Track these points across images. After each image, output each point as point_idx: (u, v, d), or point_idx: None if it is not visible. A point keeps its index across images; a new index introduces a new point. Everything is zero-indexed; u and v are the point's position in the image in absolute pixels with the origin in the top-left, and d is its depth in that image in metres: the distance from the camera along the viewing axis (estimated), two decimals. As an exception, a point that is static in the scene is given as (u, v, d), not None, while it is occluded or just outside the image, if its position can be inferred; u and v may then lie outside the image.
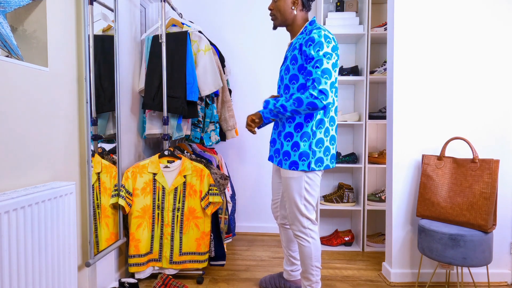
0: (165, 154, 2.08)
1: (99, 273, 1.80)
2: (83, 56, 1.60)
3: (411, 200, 2.14)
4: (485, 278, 2.12)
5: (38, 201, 1.19)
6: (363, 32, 2.64)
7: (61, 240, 1.33)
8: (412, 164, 2.13)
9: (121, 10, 2.02)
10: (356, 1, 2.74)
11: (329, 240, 2.80)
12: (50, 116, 1.41)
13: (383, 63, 2.72)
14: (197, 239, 2.08)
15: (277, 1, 1.62)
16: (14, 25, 1.30)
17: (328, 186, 3.05)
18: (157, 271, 2.13)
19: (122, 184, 1.96)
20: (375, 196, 2.78)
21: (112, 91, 1.84)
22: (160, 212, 2.07)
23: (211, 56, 2.22)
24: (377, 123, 2.77)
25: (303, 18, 1.64)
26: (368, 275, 2.26)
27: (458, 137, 1.91)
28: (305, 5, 1.60)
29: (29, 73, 1.30)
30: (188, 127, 2.26)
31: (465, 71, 2.10)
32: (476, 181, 1.81)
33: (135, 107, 2.22)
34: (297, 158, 1.59)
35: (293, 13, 1.61)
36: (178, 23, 2.36)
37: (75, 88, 1.57)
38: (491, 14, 2.08)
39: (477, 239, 1.70)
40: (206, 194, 2.05)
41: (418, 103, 2.11)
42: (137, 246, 2.02)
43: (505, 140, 2.10)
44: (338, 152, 2.80)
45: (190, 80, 2.13)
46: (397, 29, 2.10)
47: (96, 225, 1.71)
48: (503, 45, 2.09)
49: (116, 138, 1.88)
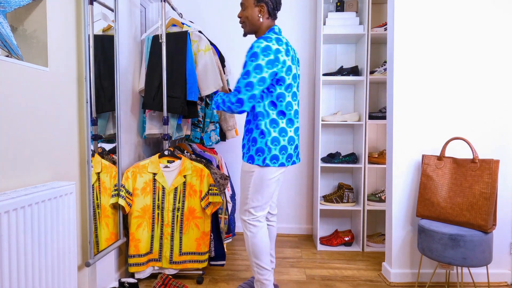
0: (165, 154, 2.08)
1: (99, 273, 1.80)
2: (83, 56, 1.60)
3: (411, 200, 2.14)
4: (485, 278, 2.12)
5: (38, 201, 1.19)
6: (363, 32, 2.64)
7: (61, 240, 1.33)
8: (412, 164, 2.13)
9: (121, 10, 2.02)
10: (356, 1, 2.74)
11: (329, 240, 2.80)
12: (50, 116, 1.41)
13: (383, 63, 2.72)
14: (197, 239, 2.08)
15: (245, 9, 1.71)
16: (14, 25, 1.30)
17: (328, 186, 3.05)
18: (157, 271, 2.13)
19: (122, 184, 1.96)
20: (375, 196, 2.78)
21: (112, 91, 1.84)
22: (160, 212, 2.07)
23: (211, 56, 2.22)
24: (377, 123, 2.77)
25: (268, 26, 1.75)
26: (368, 275, 2.26)
27: (458, 137, 1.91)
28: (270, 13, 1.70)
29: (29, 73, 1.30)
30: (188, 127, 2.26)
31: (465, 71, 2.10)
32: (476, 181, 1.81)
33: (135, 107, 2.22)
34: (253, 152, 1.69)
35: (259, 20, 1.71)
36: (178, 23, 2.36)
37: (75, 88, 1.57)
38: (491, 14, 2.08)
39: (477, 239, 1.70)
40: (206, 194, 2.05)
41: (418, 103, 2.11)
42: (137, 246, 2.02)
43: (505, 140, 2.10)
44: (338, 152, 2.80)
45: (190, 80, 2.13)
46: (397, 29, 2.10)
47: (96, 225, 1.71)
48: (502, 45, 2.09)
49: (116, 138, 1.88)
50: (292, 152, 1.74)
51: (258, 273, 1.76)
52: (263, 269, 1.75)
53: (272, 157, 1.68)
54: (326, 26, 2.70)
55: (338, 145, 3.03)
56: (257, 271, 1.76)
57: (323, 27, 2.69)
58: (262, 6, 1.67)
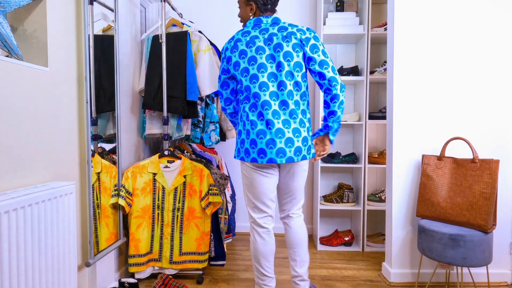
0: (165, 154, 2.08)
1: (99, 273, 1.80)
2: (83, 56, 1.60)
3: (411, 200, 2.14)
4: (485, 278, 2.12)
5: (38, 201, 1.19)
6: (363, 32, 2.64)
7: (61, 240, 1.33)
8: (412, 164, 2.13)
9: (121, 10, 2.02)
10: (356, 1, 2.74)
11: (329, 240, 2.80)
12: (50, 116, 1.41)
13: (383, 63, 2.72)
14: (197, 239, 2.08)
15: (240, 9, 1.78)
16: (14, 25, 1.30)
17: (328, 186, 3.05)
18: (157, 271, 2.13)
19: (122, 184, 1.96)
20: (375, 196, 2.78)
21: (112, 91, 1.84)
22: (160, 212, 2.07)
23: (211, 56, 2.22)
24: (377, 123, 2.77)
25: None
26: (368, 275, 2.26)
27: (458, 137, 1.91)
28: (261, 9, 1.72)
29: (29, 73, 1.30)
30: (188, 127, 2.26)
31: (465, 71, 2.10)
32: (476, 181, 1.81)
33: (135, 107, 2.22)
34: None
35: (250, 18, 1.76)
36: (178, 23, 2.36)
37: (75, 88, 1.57)
38: (491, 14, 2.08)
39: (477, 239, 1.70)
40: (206, 194, 2.05)
41: (418, 103, 2.11)
42: (137, 246, 2.03)
43: (505, 140, 2.10)
44: (338, 152, 2.80)
45: (190, 80, 2.13)
46: (397, 29, 2.10)
47: (96, 225, 1.71)
48: (503, 45, 2.09)
49: (116, 138, 1.88)
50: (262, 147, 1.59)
51: (256, 276, 1.74)
52: (260, 272, 1.72)
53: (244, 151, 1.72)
54: (326, 26, 2.70)
55: (338, 145, 3.03)
56: (256, 274, 1.74)
57: (323, 27, 2.69)
58: (251, 4, 1.70)
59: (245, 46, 1.64)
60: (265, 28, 1.66)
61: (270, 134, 1.56)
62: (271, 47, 1.61)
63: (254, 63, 1.62)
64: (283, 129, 1.56)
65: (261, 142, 1.57)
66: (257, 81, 1.60)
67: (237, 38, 1.68)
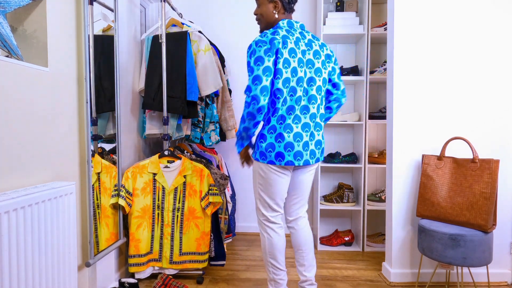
0: (165, 154, 2.08)
1: (99, 273, 1.80)
2: (83, 56, 1.60)
3: (411, 200, 2.14)
4: (485, 278, 2.12)
5: (38, 201, 1.19)
6: (363, 32, 2.64)
7: (61, 240, 1.33)
8: (412, 164, 2.13)
9: (121, 10, 2.02)
10: (356, 1, 2.74)
11: (329, 240, 2.80)
12: (50, 116, 1.41)
13: (383, 63, 2.72)
14: (197, 239, 2.08)
15: (261, 6, 1.69)
16: (14, 25, 1.30)
17: (328, 186, 3.05)
18: (157, 271, 2.13)
19: (122, 184, 1.96)
20: (375, 196, 2.78)
21: (112, 91, 1.84)
22: (160, 212, 2.07)
23: (211, 56, 2.22)
24: (377, 123, 2.77)
25: None
26: (368, 275, 2.26)
27: (458, 137, 1.91)
28: (286, 8, 1.67)
29: (29, 73, 1.30)
30: (188, 127, 2.26)
31: (465, 71, 2.10)
32: (476, 181, 1.81)
33: (135, 107, 2.22)
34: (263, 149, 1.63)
35: (274, 16, 1.67)
36: (178, 23, 2.36)
37: (75, 88, 1.57)
38: (491, 14, 2.08)
39: (477, 239, 1.70)
40: (206, 194, 2.05)
41: (418, 103, 2.11)
42: (137, 246, 2.02)
43: (505, 140, 2.10)
44: (338, 152, 2.79)
45: (190, 80, 2.13)
46: (397, 29, 2.10)
47: (96, 225, 1.71)
48: (502, 45, 2.09)
49: (116, 138, 1.88)
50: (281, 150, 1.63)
51: (271, 272, 1.74)
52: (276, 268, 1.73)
53: (276, 155, 1.65)
54: (326, 26, 2.70)
55: (338, 145, 3.03)
56: (271, 271, 1.74)
57: (323, 27, 2.69)
58: (275, 1, 1.63)
59: (294, 45, 1.57)
60: (303, 35, 1.64)
61: (306, 137, 1.63)
62: (311, 55, 1.65)
63: (302, 65, 1.60)
64: (314, 132, 1.66)
65: (298, 145, 1.61)
66: (302, 85, 1.61)
67: (283, 35, 1.56)
